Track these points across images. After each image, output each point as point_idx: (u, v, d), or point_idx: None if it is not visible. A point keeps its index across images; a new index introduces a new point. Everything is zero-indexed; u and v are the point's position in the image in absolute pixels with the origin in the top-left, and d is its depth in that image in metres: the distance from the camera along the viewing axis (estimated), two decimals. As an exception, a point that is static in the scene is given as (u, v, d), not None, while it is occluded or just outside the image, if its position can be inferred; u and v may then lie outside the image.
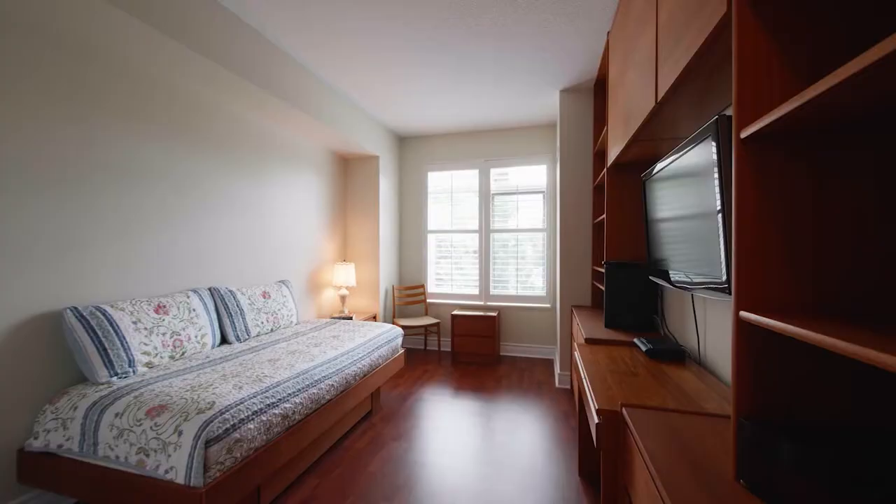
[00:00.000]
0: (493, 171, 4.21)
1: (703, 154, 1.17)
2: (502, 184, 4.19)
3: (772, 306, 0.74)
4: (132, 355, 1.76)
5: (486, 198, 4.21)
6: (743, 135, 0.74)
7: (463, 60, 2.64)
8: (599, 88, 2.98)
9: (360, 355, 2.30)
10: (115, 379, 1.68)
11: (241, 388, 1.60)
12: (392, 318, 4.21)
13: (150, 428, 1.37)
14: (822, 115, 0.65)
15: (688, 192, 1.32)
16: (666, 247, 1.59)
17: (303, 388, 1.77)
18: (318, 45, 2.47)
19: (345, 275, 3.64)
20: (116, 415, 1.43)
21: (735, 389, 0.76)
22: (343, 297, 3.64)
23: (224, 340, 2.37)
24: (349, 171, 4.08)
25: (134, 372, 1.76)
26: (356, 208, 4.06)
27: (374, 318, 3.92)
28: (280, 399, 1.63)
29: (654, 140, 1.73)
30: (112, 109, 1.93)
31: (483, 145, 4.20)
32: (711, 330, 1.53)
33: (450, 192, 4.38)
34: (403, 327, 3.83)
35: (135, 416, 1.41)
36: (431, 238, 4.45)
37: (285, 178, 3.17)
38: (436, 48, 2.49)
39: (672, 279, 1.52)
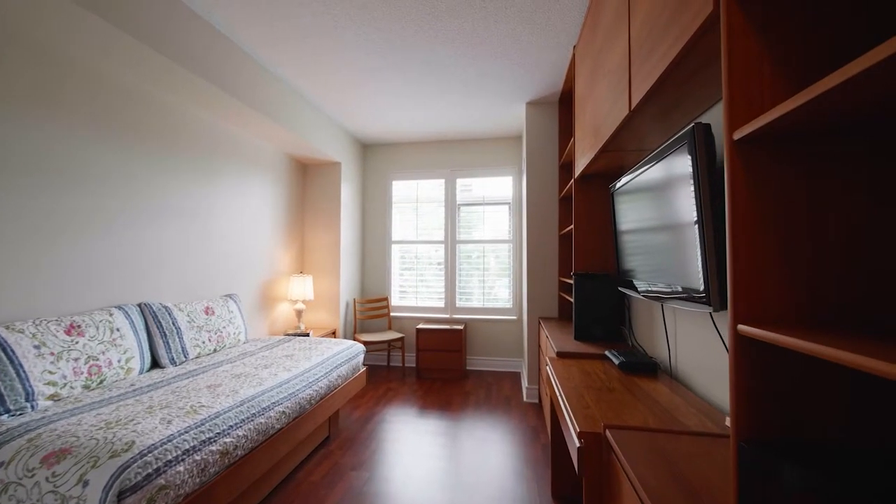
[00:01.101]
0: (460, 182, 4.17)
1: (678, 163, 1.16)
2: (468, 194, 4.15)
3: (770, 319, 0.69)
4: (31, 387, 1.45)
5: (452, 208, 4.15)
6: (736, 136, 0.70)
7: (430, 65, 2.57)
8: (564, 102, 3.04)
9: (316, 376, 2.09)
10: (5, 417, 1.37)
11: (170, 422, 1.35)
12: (353, 334, 3.98)
13: (47, 479, 1.10)
14: (820, 118, 0.61)
15: (661, 202, 1.30)
16: (637, 257, 1.58)
17: (248, 417, 1.55)
18: (275, 41, 2.29)
19: (301, 288, 3.39)
20: (1, 464, 1.15)
21: (734, 411, 0.69)
22: (299, 312, 3.38)
23: (156, 364, 2.07)
24: (309, 178, 3.86)
25: (33, 408, 1.45)
26: (316, 217, 3.83)
27: (334, 333, 3.67)
28: (219, 433, 1.40)
29: (622, 151, 1.73)
30: (18, 93, 1.64)
31: (449, 155, 4.15)
32: (682, 341, 1.51)
33: (415, 202, 4.27)
34: (365, 343, 3.62)
35: (26, 464, 1.14)
36: (396, 249, 4.30)
37: (238, 182, 2.91)
38: (402, 50, 2.40)
39: (643, 290, 1.50)
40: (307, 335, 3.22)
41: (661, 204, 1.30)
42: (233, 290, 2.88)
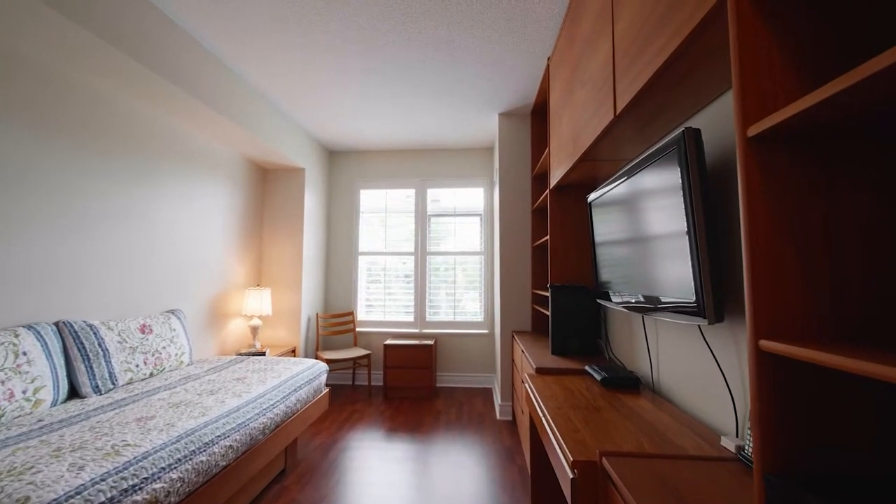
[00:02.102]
0: (431, 192, 4.07)
1: (666, 170, 1.12)
2: (439, 205, 4.06)
3: (793, 333, 0.62)
4: None
5: (422, 219, 4.03)
6: (750, 133, 0.64)
7: (402, 70, 2.48)
8: (537, 114, 3.05)
9: (272, 402, 1.86)
10: None
11: (82, 468, 1.10)
12: (315, 352, 3.70)
13: None
14: (843, 114, 0.57)
15: (647, 212, 1.26)
16: (617, 269, 1.53)
17: (185, 456, 1.31)
18: (235, 35, 2.11)
19: (258, 302, 3.10)
20: None
21: (759, 438, 0.62)
22: (254, 329, 3.09)
23: (75, 394, 1.75)
24: (269, 184, 3.61)
25: None
26: (276, 226, 3.57)
27: (294, 352, 3.39)
28: (147, 478, 1.16)
29: (600, 161, 1.71)
30: None
31: (420, 164, 4.05)
32: (665, 354, 1.47)
33: (384, 212, 4.12)
34: (329, 361, 3.36)
35: None
36: (363, 261, 4.10)
37: (188, 185, 2.63)
38: (373, 52, 2.30)
39: (624, 302, 1.45)
40: (263, 354, 2.93)
41: (646, 213, 1.26)
42: (177, 306, 2.57)
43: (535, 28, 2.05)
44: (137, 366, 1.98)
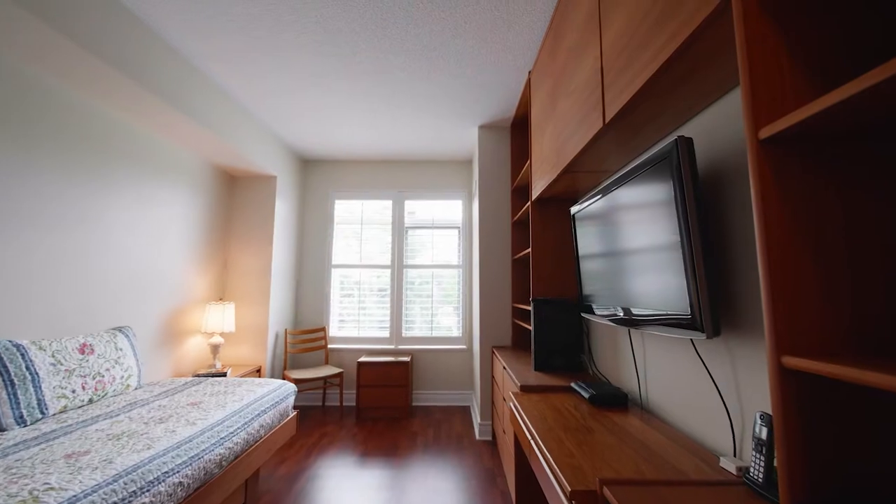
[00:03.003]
0: (408, 204, 3.99)
1: (657, 180, 1.09)
2: (416, 217, 3.98)
3: (814, 348, 0.58)
4: None
5: (399, 231, 3.93)
6: (762, 135, 0.60)
7: (381, 77, 2.42)
8: (517, 128, 3.06)
9: (231, 429, 1.68)
10: None
11: (-14, 522, 0.91)
12: (283, 371, 3.46)
13: None
14: (858, 116, 0.54)
15: (636, 223, 1.23)
16: (604, 282, 1.49)
17: (124, 499, 1.12)
18: (202, 30, 1.98)
19: (220, 317, 2.87)
20: None
21: (786, 466, 0.56)
22: (215, 347, 2.84)
23: (-8, 426, 1.50)
24: (238, 192, 3.41)
25: None
26: (244, 236, 3.36)
27: (259, 371, 3.15)
28: (72, 530, 0.97)
29: (584, 172, 1.69)
30: None
31: (398, 176, 3.98)
32: (653, 369, 1.43)
33: (360, 224, 3.99)
34: (297, 381, 3.15)
35: None
36: (336, 274, 3.93)
37: (147, 191, 2.42)
38: (351, 57, 2.23)
39: (610, 315, 1.41)
40: (223, 375, 2.69)
41: (636, 225, 1.23)
42: (126, 322, 2.32)
43: (518, 40, 2.05)
44: (74, 391, 1.74)
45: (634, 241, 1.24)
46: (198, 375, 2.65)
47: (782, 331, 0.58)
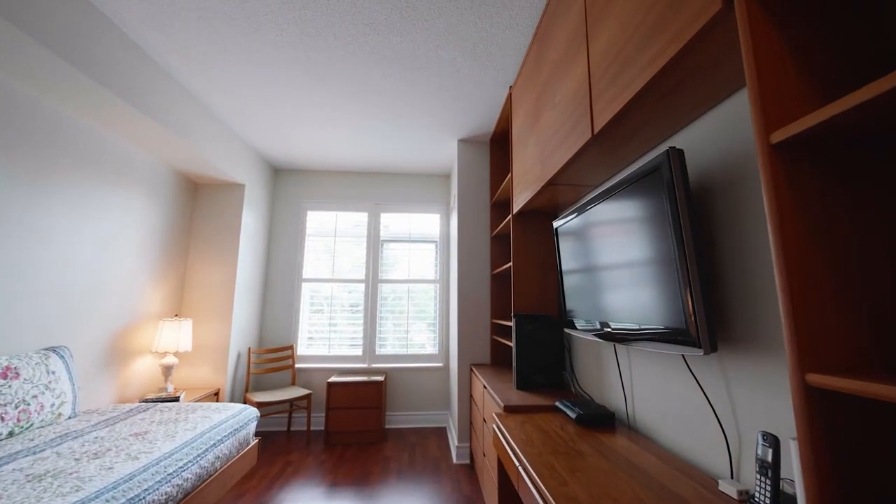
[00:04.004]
0: (384, 217, 3.89)
1: (648, 191, 1.07)
2: (393, 230, 3.89)
3: (836, 364, 0.54)
4: None
5: (374, 244, 3.81)
6: (774, 140, 0.58)
7: (361, 85, 2.36)
8: (496, 142, 3.07)
9: (181, 463, 1.48)
10: None
11: None
12: (244, 394, 3.20)
13: None
14: (869, 122, 0.52)
15: (625, 236, 1.20)
16: (590, 296, 1.46)
17: (39, 557, 0.93)
18: (163, 21, 1.85)
19: (175, 336, 2.62)
20: None
21: (815, 494, 0.51)
22: (168, 369, 2.58)
23: None
24: (201, 200, 3.19)
25: None
26: (206, 247, 3.13)
27: (217, 395, 2.89)
28: None
29: (567, 185, 1.68)
30: None
31: (374, 187, 3.89)
32: (640, 386, 1.39)
33: (333, 236, 3.84)
34: (261, 405, 2.90)
35: None
36: (306, 288, 3.74)
37: (93, 193, 2.19)
38: (330, 64, 2.15)
39: (600, 331, 1.37)
40: (176, 400, 2.44)
41: (625, 237, 1.21)
42: (62, 342, 2.05)
43: (500, 54, 2.05)
44: (-11, 423, 1.49)
45: (623, 255, 1.22)
46: (146, 401, 2.38)
47: (805, 347, 0.54)
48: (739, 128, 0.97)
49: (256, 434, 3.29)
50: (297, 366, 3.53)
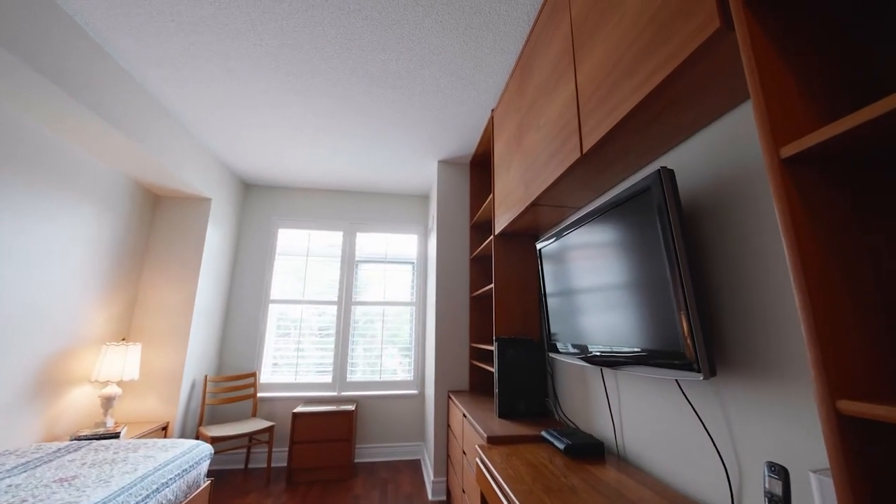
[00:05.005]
0: (360, 236, 3.78)
1: (639, 211, 1.06)
2: (368, 251, 3.77)
3: (863, 390, 0.51)
4: None
5: (349, 264, 3.67)
6: (785, 154, 0.56)
7: (341, 101, 2.31)
8: (476, 166, 3.08)
9: (115, 515, 1.26)
10: None
11: None
12: (198, 427, 2.89)
13: None
14: (879, 139, 0.52)
15: (614, 256, 1.18)
16: (577, 319, 1.42)
17: None
18: (127, 26, 1.75)
19: (119, 362, 2.35)
20: None
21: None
22: (109, 400, 2.29)
23: None
24: (162, 213, 2.98)
25: None
26: (164, 265, 2.89)
27: (166, 429, 2.59)
28: None
29: (551, 206, 1.67)
30: None
31: (351, 206, 3.79)
32: (629, 413, 1.34)
33: (305, 256, 3.67)
34: (215, 440, 2.62)
35: None
36: (274, 310, 3.51)
37: (28, 201, 1.97)
38: (309, 76, 2.10)
39: (589, 355, 1.32)
40: (116, 436, 2.15)
41: (615, 258, 1.18)
42: (-20, 370, 1.77)
43: (484, 78, 2.08)
44: None
45: (612, 276, 1.19)
46: (79, 438, 2.08)
47: (833, 371, 0.50)
48: (729, 148, 0.98)
49: (210, 473, 2.96)
50: (259, 395, 3.26)
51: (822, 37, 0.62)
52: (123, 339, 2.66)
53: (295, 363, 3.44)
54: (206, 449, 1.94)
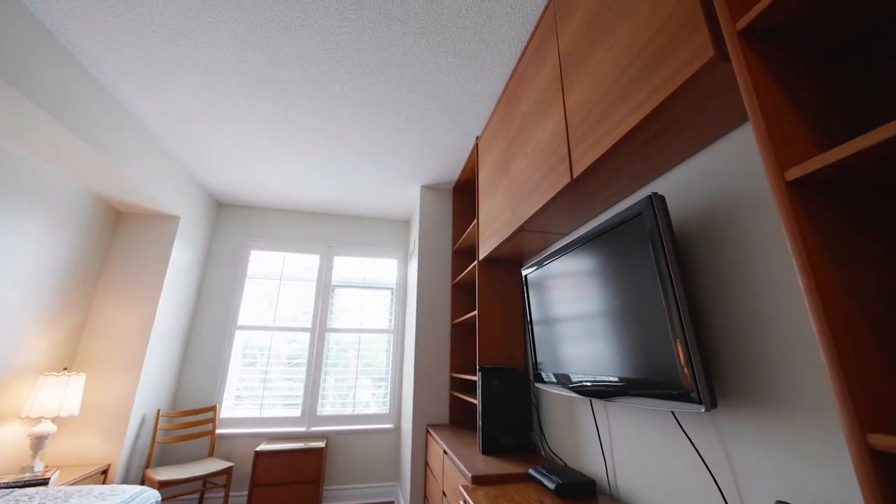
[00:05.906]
0: (338, 260, 3.66)
1: (631, 238, 1.05)
2: (345, 275, 3.65)
3: (889, 422, 0.48)
4: None
5: (325, 289, 3.53)
6: (790, 177, 0.56)
7: (324, 120, 2.28)
8: (459, 192, 3.09)
9: (31, 583, 1.05)
10: None
11: None
12: (144, 470, 2.58)
13: None
14: (885, 162, 0.52)
15: (605, 284, 1.16)
16: (565, 348, 1.37)
17: None
18: (103, 35, 1.68)
19: (58, 395, 2.09)
20: None
21: None
22: (40, 440, 2.01)
23: None
24: (124, 231, 2.78)
25: None
26: (121, 285, 2.67)
27: (106, 473, 2.29)
28: None
29: (537, 232, 1.66)
30: None
31: (329, 229, 3.69)
32: (621, 447, 1.28)
33: (279, 279, 3.50)
34: (164, 484, 2.33)
35: None
36: (241, 336, 3.29)
37: (-30, 214, 1.78)
38: (292, 94, 2.07)
39: (579, 385, 1.26)
40: (44, 483, 1.87)
41: (603, 286, 1.16)
42: None
43: (470, 105, 2.11)
44: None
45: (602, 304, 1.16)
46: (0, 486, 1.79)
47: (862, 403, 0.47)
48: (719, 174, 1.00)
49: (153, 524, 2.61)
50: (218, 431, 2.97)
51: (816, 65, 0.64)
52: (65, 369, 2.38)
53: (261, 395, 3.19)
54: (152, 496, 1.71)
